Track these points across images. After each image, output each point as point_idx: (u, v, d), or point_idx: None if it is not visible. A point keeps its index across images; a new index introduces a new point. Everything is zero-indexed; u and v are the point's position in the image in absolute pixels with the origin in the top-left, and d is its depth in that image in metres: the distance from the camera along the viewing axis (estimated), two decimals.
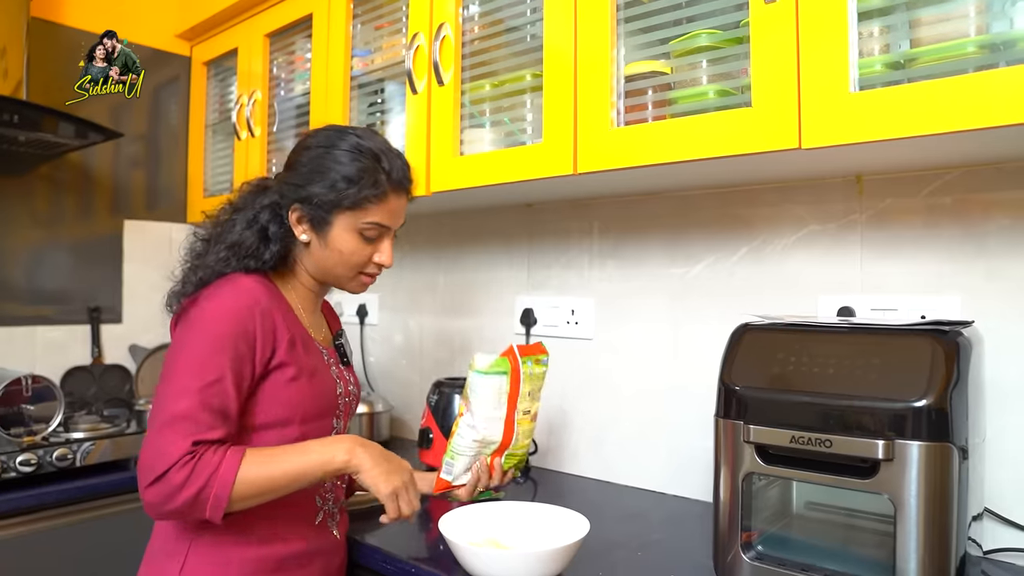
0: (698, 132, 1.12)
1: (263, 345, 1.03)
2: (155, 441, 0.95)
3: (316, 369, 1.11)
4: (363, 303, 2.21)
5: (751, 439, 0.97)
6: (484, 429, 1.22)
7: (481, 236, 1.91)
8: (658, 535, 1.26)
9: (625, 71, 1.24)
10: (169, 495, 0.92)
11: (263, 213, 1.11)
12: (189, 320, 1.03)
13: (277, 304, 1.09)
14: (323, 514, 1.14)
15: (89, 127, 1.90)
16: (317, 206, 1.09)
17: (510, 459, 1.28)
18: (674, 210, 1.52)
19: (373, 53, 1.75)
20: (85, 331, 2.20)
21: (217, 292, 1.04)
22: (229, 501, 0.94)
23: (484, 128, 1.50)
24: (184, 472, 0.92)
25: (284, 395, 1.06)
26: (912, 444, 0.85)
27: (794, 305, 1.34)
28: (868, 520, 1.07)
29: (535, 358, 1.27)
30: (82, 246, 2.21)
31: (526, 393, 1.25)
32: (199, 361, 0.98)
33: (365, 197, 1.08)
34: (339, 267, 1.13)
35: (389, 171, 1.11)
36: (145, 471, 0.94)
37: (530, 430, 1.30)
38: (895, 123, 0.93)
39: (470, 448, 1.23)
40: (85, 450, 1.64)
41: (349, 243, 1.11)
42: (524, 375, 1.23)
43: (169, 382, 0.99)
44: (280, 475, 0.98)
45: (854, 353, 0.93)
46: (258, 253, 1.10)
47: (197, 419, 0.95)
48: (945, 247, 1.19)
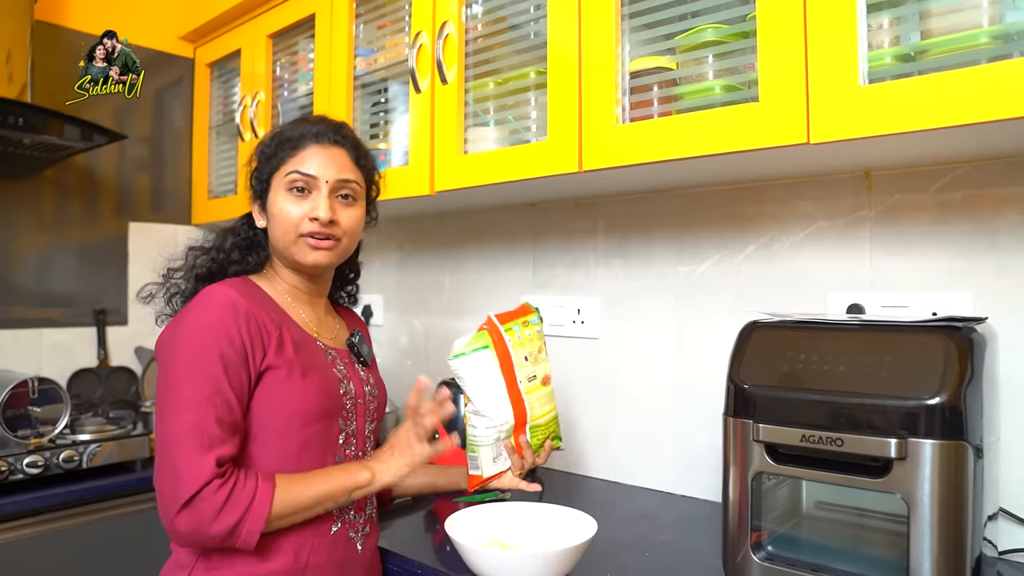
0: (705, 128, 1.10)
1: (252, 349, 1.00)
2: (171, 463, 0.92)
3: (310, 367, 1.06)
4: (368, 304, 2.21)
5: (760, 438, 0.95)
6: (489, 411, 1.18)
7: (485, 236, 1.90)
8: (666, 536, 1.24)
9: (630, 67, 1.23)
10: (202, 521, 0.91)
11: (239, 222, 1.18)
12: (171, 341, 1.01)
13: (262, 305, 1.06)
14: (341, 523, 1.09)
15: (93, 129, 1.90)
16: (258, 181, 1.13)
17: (537, 432, 1.23)
18: (680, 208, 1.51)
19: (376, 52, 1.75)
20: (91, 333, 2.20)
21: (192, 308, 1.03)
22: (265, 527, 0.95)
23: (488, 127, 1.49)
24: (220, 497, 0.91)
25: (279, 398, 1.02)
26: (925, 443, 0.83)
27: (803, 303, 1.32)
28: (879, 520, 1.06)
29: (522, 320, 1.22)
30: (87, 249, 2.21)
31: (522, 359, 1.20)
32: (193, 377, 0.96)
33: (285, 151, 1.11)
34: (281, 235, 1.10)
35: (306, 123, 1.13)
36: (169, 497, 0.91)
37: (547, 395, 1.25)
38: (906, 116, 0.92)
39: (486, 436, 1.19)
40: (91, 452, 1.63)
41: (279, 201, 1.10)
42: (513, 341, 1.19)
43: (168, 401, 0.96)
44: (309, 499, 1.00)
45: (865, 350, 0.92)
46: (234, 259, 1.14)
47: (210, 432, 0.94)
48: (956, 243, 1.18)
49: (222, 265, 1.14)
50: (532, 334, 1.23)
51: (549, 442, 1.26)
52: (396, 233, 2.14)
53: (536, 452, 1.24)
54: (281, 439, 1.03)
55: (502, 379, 1.18)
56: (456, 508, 1.18)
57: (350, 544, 1.10)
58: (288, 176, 1.09)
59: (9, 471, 1.51)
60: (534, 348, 1.23)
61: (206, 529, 0.91)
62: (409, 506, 1.40)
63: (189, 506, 0.90)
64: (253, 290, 1.10)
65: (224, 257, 1.15)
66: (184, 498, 0.90)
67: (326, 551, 1.06)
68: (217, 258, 1.14)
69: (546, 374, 1.25)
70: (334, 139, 1.13)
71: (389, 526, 1.31)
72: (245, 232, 1.18)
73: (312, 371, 1.06)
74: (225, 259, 1.15)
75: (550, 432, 1.26)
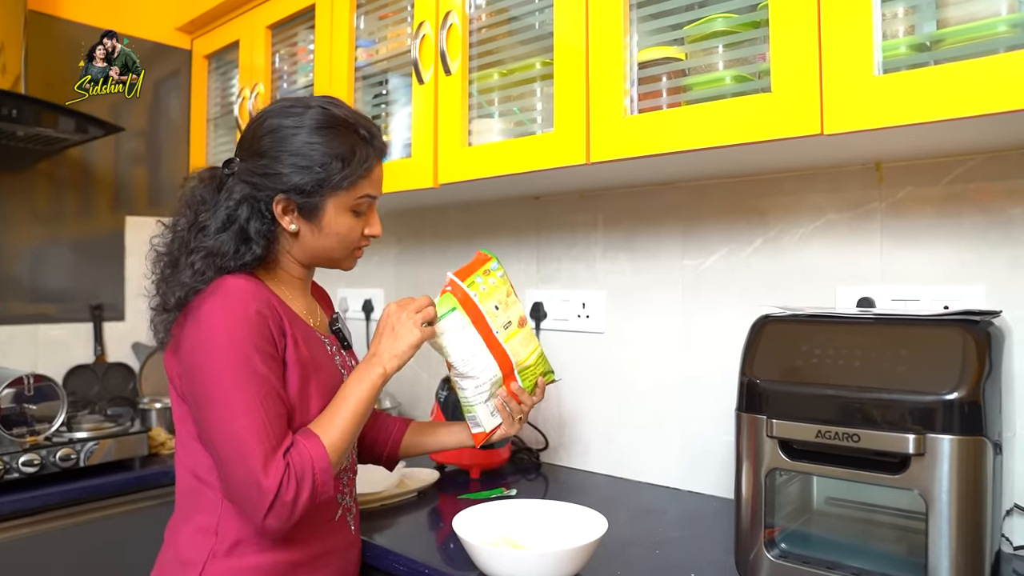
0: (716, 119, 1.08)
1: (278, 341, 0.98)
2: (243, 470, 0.91)
3: (321, 364, 1.05)
4: (368, 298, 2.19)
5: (774, 434, 0.94)
6: (474, 370, 1.14)
7: (488, 229, 1.88)
8: (675, 533, 1.23)
9: (638, 57, 1.21)
10: (290, 511, 0.91)
11: (239, 210, 1.01)
12: (197, 344, 0.95)
13: (271, 299, 1.03)
14: (342, 510, 1.10)
15: (89, 121, 1.88)
16: (306, 193, 1.01)
17: (527, 374, 1.20)
18: (687, 201, 1.49)
19: (377, 43, 1.72)
20: (87, 329, 2.17)
21: (213, 305, 0.95)
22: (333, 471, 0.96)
23: (493, 118, 1.47)
24: (291, 488, 0.91)
25: (295, 397, 0.99)
26: (944, 438, 0.82)
27: (812, 296, 1.31)
28: (892, 516, 1.05)
29: (482, 271, 1.18)
30: (83, 243, 2.19)
31: (492, 308, 1.17)
32: (238, 377, 0.92)
33: (356, 173, 1.03)
34: (335, 250, 1.09)
35: (370, 140, 1.06)
36: (254, 504, 0.91)
37: (526, 336, 1.22)
38: (922, 107, 0.90)
39: (477, 395, 1.16)
40: (88, 450, 1.61)
41: (345, 224, 1.06)
42: (479, 295, 1.15)
43: (221, 406, 0.92)
44: (349, 425, 0.99)
45: (881, 344, 0.90)
46: (239, 255, 1.00)
47: (272, 432, 0.92)
48: (968, 236, 1.16)
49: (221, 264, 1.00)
50: (496, 281, 1.19)
51: (541, 379, 1.23)
52: (396, 227, 2.12)
53: (532, 393, 1.21)
54: None
55: (478, 335, 1.14)
56: (460, 505, 1.16)
57: (347, 527, 1.11)
58: (360, 200, 1.06)
59: (5, 470, 1.48)
60: (501, 294, 1.19)
61: (294, 516, 0.92)
62: (412, 504, 1.38)
63: (272, 510, 0.91)
64: (261, 284, 1.05)
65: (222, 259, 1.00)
66: (266, 507, 0.90)
67: (332, 536, 1.07)
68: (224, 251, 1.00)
69: (520, 316, 1.21)
70: (387, 152, 1.14)
71: (392, 524, 1.29)
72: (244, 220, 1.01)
73: (323, 366, 1.06)
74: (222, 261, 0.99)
75: (540, 370, 1.23)
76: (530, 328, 1.24)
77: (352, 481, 1.15)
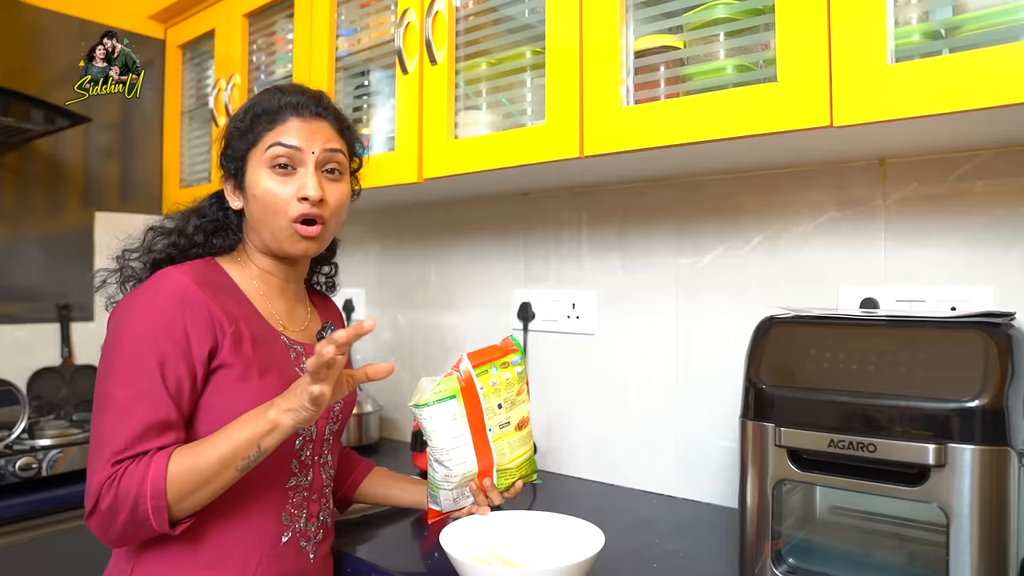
0: (717, 110, 1.03)
1: (198, 342, 0.91)
2: (88, 468, 0.88)
3: (270, 366, 0.96)
4: (349, 298, 2.11)
5: (783, 443, 0.88)
6: (450, 461, 1.05)
7: (474, 227, 1.82)
8: (672, 544, 1.17)
9: (635, 46, 1.15)
10: (108, 523, 0.86)
11: (205, 202, 1.08)
12: (113, 326, 0.93)
13: (220, 293, 0.96)
14: (291, 533, 0.99)
15: (55, 111, 1.78)
16: (231, 159, 1.03)
17: (506, 475, 1.11)
18: (682, 197, 1.43)
19: (359, 32, 1.65)
20: (54, 330, 2.08)
21: (139, 293, 0.94)
22: (169, 506, 0.85)
23: (480, 110, 1.40)
24: (109, 497, 0.85)
25: (231, 399, 0.93)
26: (966, 448, 0.77)
27: (812, 297, 1.26)
28: (903, 527, 1.00)
29: (500, 362, 1.08)
30: (51, 240, 2.09)
31: (495, 407, 1.07)
32: (124, 372, 0.89)
33: (262, 124, 1.00)
34: (266, 219, 0.99)
35: (283, 93, 1.02)
36: (86, 500, 0.87)
37: (521, 438, 1.12)
38: (937, 98, 0.85)
39: (444, 482, 1.07)
40: (52, 458, 1.52)
41: (263, 181, 0.99)
42: (486, 388, 1.06)
43: (98, 397, 0.90)
44: (210, 462, 0.86)
45: (895, 348, 0.85)
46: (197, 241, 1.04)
47: (128, 435, 0.86)
48: (976, 234, 1.12)
49: (183, 249, 1.04)
50: (511, 377, 1.09)
51: (520, 482, 1.14)
52: (378, 224, 2.05)
53: (504, 491, 1.12)
54: None
55: (468, 430, 1.05)
56: (447, 518, 1.10)
57: (302, 553, 1.01)
58: (269, 150, 0.99)
59: None
60: (511, 393, 1.10)
61: (110, 531, 0.87)
62: (396, 513, 1.32)
63: (92, 515, 0.86)
64: (215, 276, 1.00)
65: (186, 242, 1.04)
66: (88, 509, 0.86)
67: (276, 562, 0.97)
68: (178, 242, 1.04)
69: (523, 417, 1.12)
70: (316, 111, 1.03)
71: (375, 536, 1.23)
72: (213, 213, 1.07)
73: (271, 370, 0.97)
74: (187, 243, 1.04)
75: (522, 472, 1.14)
76: (529, 430, 1.14)
77: (315, 504, 1.04)
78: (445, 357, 1.87)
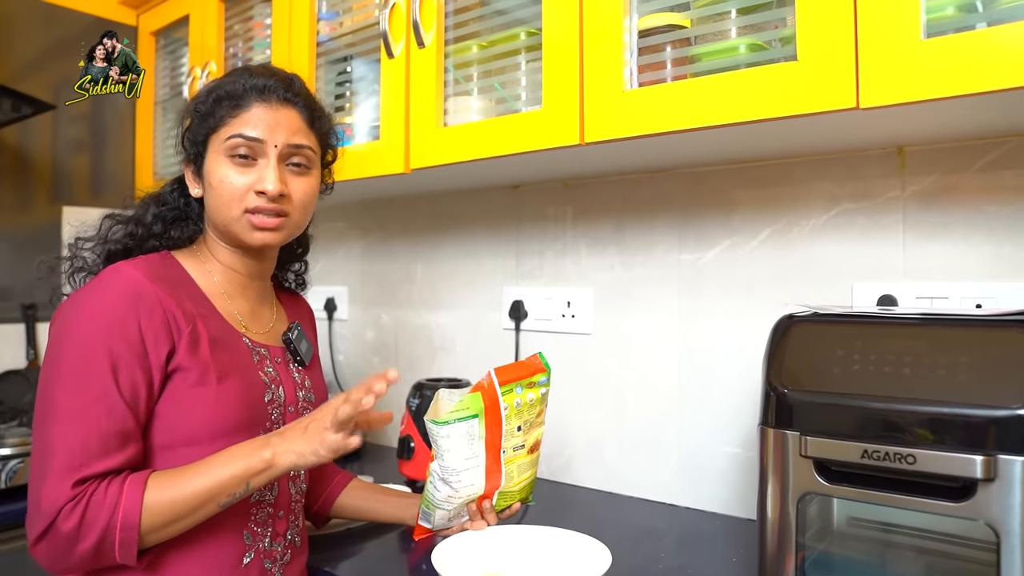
0: (730, 92, 0.95)
1: (155, 344, 0.83)
2: (34, 485, 0.79)
3: (229, 371, 0.89)
4: (331, 296, 2.02)
5: (808, 453, 0.81)
6: (458, 483, 0.97)
7: (462, 221, 1.73)
8: (679, 559, 1.10)
9: (639, 25, 1.07)
10: (64, 550, 0.77)
11: (167, 188, 1.02)
12: (58, 330, 0.85)
13: (177, 290, 0.88)
14: (254, 554, 0.91)
15: (19, 99, 1.68)
16: (192, 143, 0.96)
17: (506, 497, 1.04)
18: (684, 189, 1.36)
19: (342, 15, 1.56)
20: (19, 331, 1.97)
21: (87, 290, 0.86)
22: (140, 537, 0.78)
23: (471, 95, 1.32)
24: (72, 520, 0.76)
25: (187, 406, 0.85)
26: (1017, 460, 0.69)
27: (826, 294, 1.19)
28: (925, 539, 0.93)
29: (527, 382, 1.00)
30: (16, 236, 1.98)
31: (514, 429, 0.99)
32: (74, 378, 0.80)
33: (224, 109, 0.92)
34: (222, 209, 0.92)
35: (250, 75, 0.94)
36: (28, 525, 0.78)
37: (531, 461, 1.05)
38: (974, 76, 0.78)
39: (444, 502, 0.99)
40: (12, 468, 1.42)
41: (219, 169, 0.92)
42: (510, 409, 0.97)
43: (42, 406, 0.82)
44: (192, 494, 0.80)
45: (932, 350, 0.78)
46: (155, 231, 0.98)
47: (84, 448, 0.78)
48: (1003, 226, 1.05)
49: (140, 240, 0.97)
50: (535, 398, 1.02)
51: (517, 504, 1.07)
52: (361, 219, 1.96)
53: (500, 512, 1.05)
54: (191, 453, 0.85)
55: (483, 452, 0.97)
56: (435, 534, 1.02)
57: (266, 575, 0.92)
58: (229, 140, 0.91)
59: None
60: (533, 414, 1.03)
61: (66, 559, 0.79)
62: (382, 526, 1.23)
63: (45, 538, 0.78)
64: (171, 271, 0.92)
65: (144, 231, 0.97)
66: (39, 530, 0.78)
67: None
68: (135, 232, 0.97)
69: (537, 440, 1.05)
70: (284, 97, 0.94)
71: (360, 551, 1.14)
72: (174, 201, 1.01)
73: (231, 374, 0.89)
74: (145, 233, 0.97)
75: (521, 496, 1.07)
76: (539, 453, 1.07)
77: (282, 521, 0.96)
78: (432, 358, 1.78)
